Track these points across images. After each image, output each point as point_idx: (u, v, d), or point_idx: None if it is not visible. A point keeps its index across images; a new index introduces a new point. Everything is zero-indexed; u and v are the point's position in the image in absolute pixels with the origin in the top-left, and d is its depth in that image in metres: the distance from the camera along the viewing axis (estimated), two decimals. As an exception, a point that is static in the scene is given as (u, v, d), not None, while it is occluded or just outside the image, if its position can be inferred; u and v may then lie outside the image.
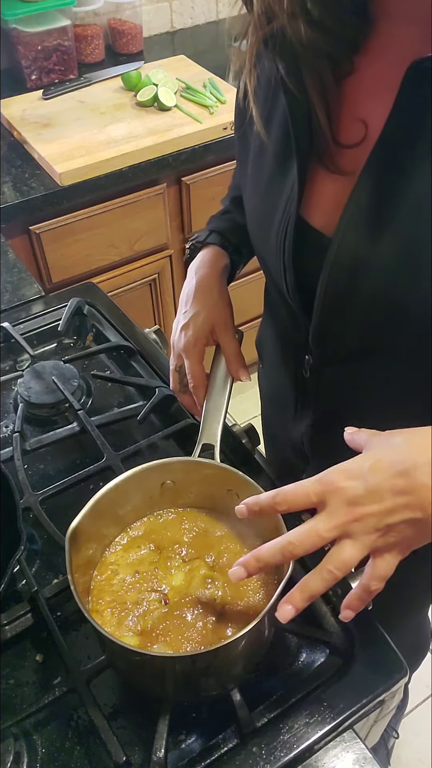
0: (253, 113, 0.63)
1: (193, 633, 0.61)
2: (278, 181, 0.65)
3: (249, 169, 0.71)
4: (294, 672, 0.66)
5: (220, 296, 0.83)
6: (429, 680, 1.61)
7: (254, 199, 0.71)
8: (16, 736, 0.60)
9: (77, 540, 0.61)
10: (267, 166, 0.67)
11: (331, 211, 0.62)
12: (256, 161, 0.69)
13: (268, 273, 0.74)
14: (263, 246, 0.71)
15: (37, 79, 1.70)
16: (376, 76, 0.57)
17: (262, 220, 0.69)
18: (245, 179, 0.74)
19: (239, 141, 0.75)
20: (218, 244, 0.86)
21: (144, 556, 0.68)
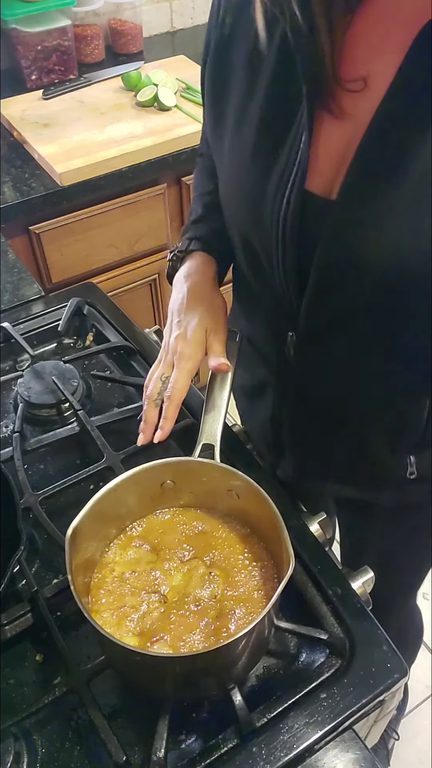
0: (260, 34, 0.58)
1: (193, 633, 0.61)
2: (268, 149, 0.61)
3: (226, 142, 0.67)
4: (294, 672, 0.66)
5: (213, 301, 0.80)
6: (429, 680, 1.61)
7: (236, 173, 0.66)
8: (16, 736, 0.60)
9: (77, 540, 0.61)
10: (251, 131, 0.62)
11: (330, 173, 0.59)
12: (237, 123, 0.64)
13: (252, 254, 0.69)
14: (250, 224, 0.66)
15: (37, 79, 1.70)
16: (381, 34, 0.55)
17: (249, 196, 0.64)
18: (221, 156, 0.69)
19: (211, 102, 0.69)
20: (203, 250, 0.83)
21: (144, 556, 0.68)
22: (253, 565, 0.66)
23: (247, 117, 0.63)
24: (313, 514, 0.78)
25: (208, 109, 0.71)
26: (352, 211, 0.57)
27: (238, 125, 0.64)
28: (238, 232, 0.71)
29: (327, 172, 0.59)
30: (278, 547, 0.62)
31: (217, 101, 0.68)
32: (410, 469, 0.78)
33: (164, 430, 0.77)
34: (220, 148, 0.69)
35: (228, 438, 0.83)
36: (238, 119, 0.64)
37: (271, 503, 0.62)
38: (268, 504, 0.62)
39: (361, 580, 0.72)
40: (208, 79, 0.70)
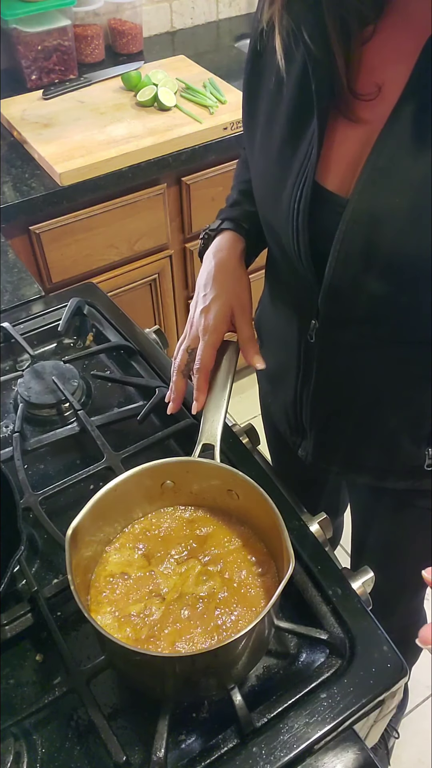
0: (280, 60, 0.64)
1: (193, 633, 0.61)
2: (291, 144, 0.66)
3: (258, 134, 0.72)
4: (294, 672, 0.66)
5: (240, 279, 0.83)
6: (429, 680, 1.61)
7: (264, 164, 0.71)
8: (16, 736, 0.60)
9: (77, 540, 0.61)
10: (278, 130, 0.68)
11: (345, 173, 0.63)
12: (267, 127, 0.70)
13: (276, 239, 0.74)
14: (273, 211, 0.71)
15: (37, 79, 1.70)
16: (395, 43, 0.59)
17: (273, 185, 0.70)
18: (253, 148, 0.74)
19: (247, 108, 0.75)
20: (233, 229, 0.86)
21: (144, 556, 0.68)
22: (253, 565, 0.66)
23: (276, 117, 0.68)
24: (315, 514, 0.78)
25: (244, 108, 0.76)
26: (365, 208, 0.61)
27: (269, 124, 0.70)
28: (265, 221, 0.76)
29: (343, 171, 0.64)
30: (278, 547, 0.62)
31: (252, 102, 0.73)
32: (428, 461, 0.80)
33: (199, 402, 0.80)
34: (252, 144, 0.74)
35: (228, 438, 0.83)
36: (269, 119, 0.70)
37: (271, 503, 0.62)
38: (268, 504, 0.62)
39: (361, 580, 0.72)
40: (246, 82, 0.75)
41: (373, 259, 0.62)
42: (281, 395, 0.89)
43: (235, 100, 1.61)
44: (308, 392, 0.82)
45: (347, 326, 0.71)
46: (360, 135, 0.62)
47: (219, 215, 0.89)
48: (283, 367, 0.85)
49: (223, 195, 0.94)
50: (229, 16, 2.12)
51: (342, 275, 0.66)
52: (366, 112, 0.61)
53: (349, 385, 0.78)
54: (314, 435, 0.86)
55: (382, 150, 0.59)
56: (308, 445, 0.88)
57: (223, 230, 0.86)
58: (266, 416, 1.06)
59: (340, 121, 0.63)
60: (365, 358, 0.74)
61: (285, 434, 0.93)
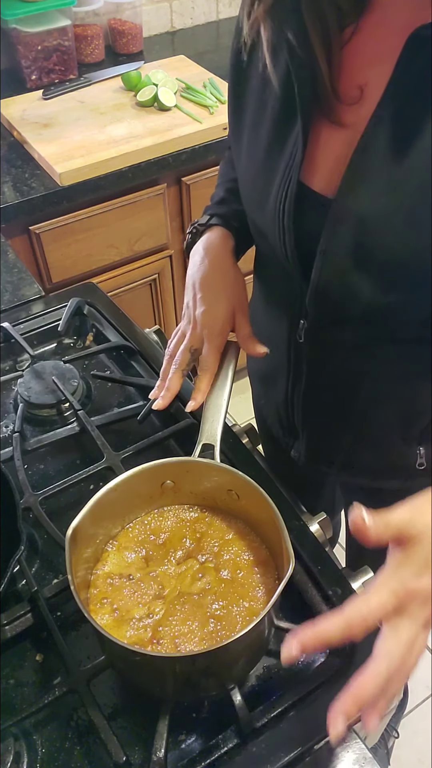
0: (269, 67, 0.64)
1: (193, 633, 0.61)
2: (277, 146, 0.66)
3: (245, 137, 0.72)
4: (294, 672, 0.66)
5: (237, 278, 0.83)
6: (429, 680, 1.61)
7: (251, 166, 0.71)
8: (16, 736, 0.60)
9: (77, 540, 0.61)
10: (264, 133, 0.68)
11: (330, 173, 0.64)
12: (253, 130, 0.70)
13: (264, 240, 0.74)
14: (260, 212, 0.71)
15: (37, 79, 1.70)
16: (376, 43, 0.59)
17: (260, 187, 0.70)
18: (240, 150, 0.74)
19: (233, 112, 0.75)
20: (222, 225, 0.86)
21: (143, 556, 0.68)
22: (254, 565, 0.66)
23: (261, 121, 0.68)
24: (314, 514, 0.78)
25: (230, 111, 0.76)
26: (349, 208, 0.61)
27: (255, 127, 0.70)
28: (252, 221, 0.76)
29: (328, 172, 0.64)
30: (278, 547, 0.62)
31: (237, 106, 0.74)
32: (420, 460, 0.80)
33: (197, 401, 0.79)
34: (239, 147, 0.74)
35: (228, 438, 0.83)
36: (255, 122, 0.70)
37: (271, 503, 0.62)
38: (268, 504, 0.62)
39: (361, 580, 0.72)
40: (231, 87, 0.75)
41: (358, 258, 0.63)
42: (273, 396, 0.89)
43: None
44: (299, 393, 0.82)
45: (335, 326, 0.71)
46: (344, 136, 0.62)
47: (206, 211, 0.89)
48: (274, 368, 0.85)
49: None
50: (229, 16, 2.12)
51: (328, 274, 0.66)
52: (349, 115, 0.61)
53: (340, 385, 0.78)
54: (306, 436, 0.86)
55: (365, 150, 0.59)
56: (300, 446, 0.88)
57: (212, 226, 0.86)
58: (259, 417, 1.06)
59: (324, 122, 0.63)
60: (354, 358, 0.74)
61: (278, 435, 0.93)
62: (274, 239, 0.70)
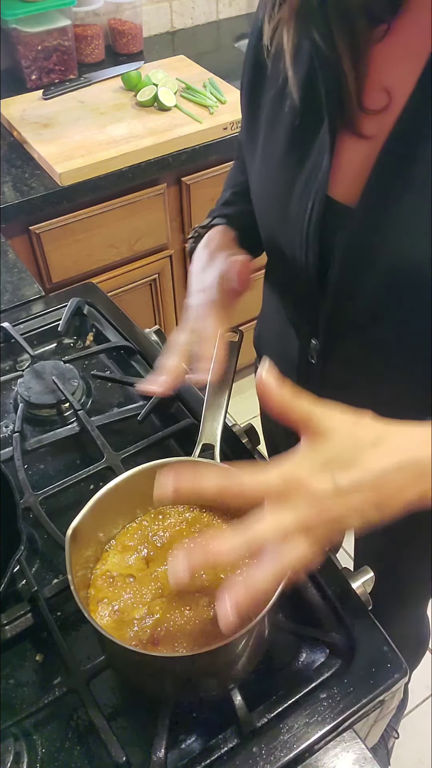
0: (289, 74, 0.61)
1: (193, 633, 0.61)
2: (296, 155, 0.64)
3: (260, 143, 0.70)
4: (294, 672, 0.66)
5: (234, 252, 0.79)
6: (429, 680, 1.61)
7: (267, 176, 0.69)
8: (16, 736, 0.60)
9: (77, 540, 0.61)
10: (281, 140, 0.66)
11: (352, 181, 0.62)
12: (269, 135, 0.68)
13: (279, 252, 0.71)
14: (279, 223, 0.69)
15: (37, 79, 1.70)
16: (403, 46, 0.57)
17: (278, 197, 0.67)
18: (254, 159, 0.71)
19: (247, 116, 0.72)
20: (224, 224, 0.84)
21: (144, 557, 0.67)
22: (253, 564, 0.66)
23: (278, 128, 0.66)
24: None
25: (244, 120, 0.74)
26: (369, 218, 0.59)
27: (270, 135, 0.67)
28: (267, 233, 0.73)
29: (349, 181, 0.62)
30: (278, 547, 0.62)
31: (252, 113, 0.71)
32: None
33: (201, 368, 0.74)
34: (253, 154, 0.72)
35: (228, 438, 0.83)
36: (271, 130, 0.67)
37: (271, 503, 0.61)
38: (268, 504, 0.62)
39: (361, 580, 0.72)
40: (245, 89, 0.72)
41: (378, 267, 0.61)
42: None
43: (235, 100, 1.60)
44: None
45: (349, 342, 0.69)
46: (367, 146, 0.60)
47: (210, 214, 0.87)
48: None
49: (222, 195, 0.94)
50: (229, 16, 2.12)
51: (346, 284, 0.64)
52: (373, 125, 0.59)
53: (352, 402, 0.76)
54: None
55: (388, 158, 0.57)
56: None
57: (213, 225, 0.85)
58: (267, 433, 1.04)
59: (346, 134, 0.61)
60: (368, 377, 0.72)
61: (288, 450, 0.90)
62: (292, 251, 0.68)
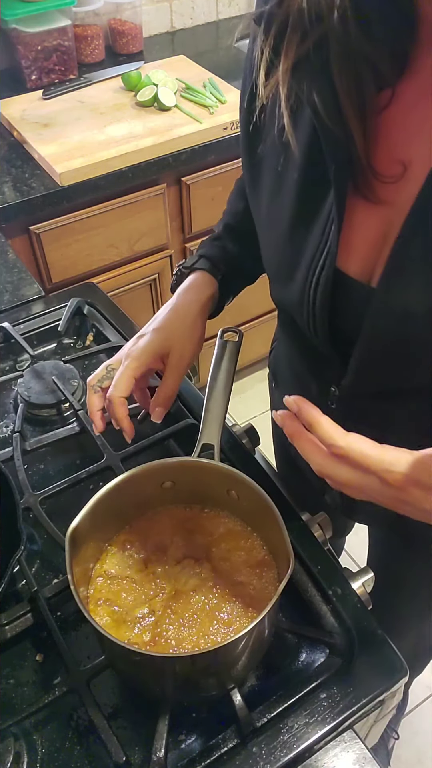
0: (287, 128, 0.55)
1: (193, 633, 0.62)
2: (304, 221, 0.59)
3: (264, 203, 0.65)
4: (294, 672, 0.66)
5: (193, 328, 0.77)
6: (429, 680, 1.61)
7: (273, 237, 0.64)
8: (16, 736, 0.60)
9: (77, 540, 0.61)
10: (287, 204, 0.61)
11: (366, 257, 0.57)
12: (273, 197, 0.63)
13: (286, 312, 0.68)
14: (285, 288, 0.65)
15: (37, 79, 1.70)
16: (418, 112, 0.52)
17: (284, 261, 0.63)
18: (259, 214, 0.67)
19: (248, 172, 0.67)
20: (207, 270, 0.80)
21: (143, 557, 0.68)
22: (253, 564, 0.66)
23: (283, 190, 0.61)
24: (313, 514, 0.78)
25: (246, 169, 0.68)
26: (394, 299, 0.55)
27: (275, 196, 0.62)
28: (275, 293, 0.70)
29: (365, 256, 0.58)
30: (278, 547, 0.62)
31: (253, 166, 0.66)
32: None
33: (127, 432, 0.76)
34: (258, 212, 0.67)
35: (228, 438, 0.83)
36: (274, 191, 0.62)
37: (271, 503, 0.62)
38: (268, 504, 0.62)
39: (361, 580, 0.72)
40: (244, 148, 0.67)
41: (405, 348, 0.57)
42: None
43: (234, 100, 1.60)
44: None
45: (372, 397, 0.67)
46: (382, 214, 0.55)
47: (199, 249, 0.84)
48: None
49: (223, 195, 0.93)
50: (229, 16, 2.12)
51: (371, 363, 0.61)
52: (389, 193, 0.54)
53: None
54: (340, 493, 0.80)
55: (411, 236, 0.52)
56: (335, 494, 0.83)
57: (196, 269, 0.81)
58: (284, 451, 1.01)
59: (358, 199, 0.55)
60: (389, 419, 0.68)
61: (308, 476, 0.84)
62: (300, 319, 0.64)
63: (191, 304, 0.78)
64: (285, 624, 0.66)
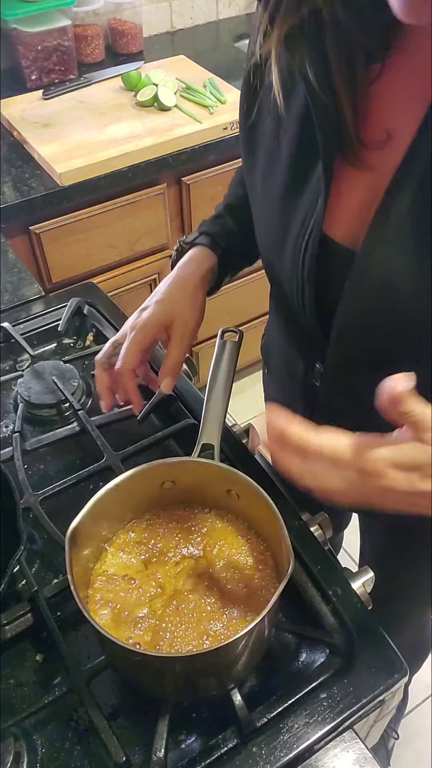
0: (279, 99, 0.59)
1: (193, 633, 0.61)
2: (294, 190, 0.62)
3: (258, 175, 0.68)
4: (294, 672, 0.66)
5: (194, 297, 0.79)
6: (429, 680, 1.61)
7: (266, 208, 0.67)
8: (16, 736, 0.60)
9: (77, 540, 0.61)
10: (280, 174, 0.64)
11: (352, 222, 0.59)
12: (268, 167, 0.66)
13: (278, 285, 0.71)
14: (276, 258, 0.67)
15: (37, 79, 1.70)
16: (403, 87, 0.55)
17: (276, 231, 0.66)
18: (254, 186, 0.70)
19: (245, 147, 0.71)
20: (207, 245, 0.83)
21: (143, 556, 0.68)
22: (253, 564, 0.66)
23: (277, 159, 0.64)
24: (313, 514, 0.78)
25: (243, 141, 0.71)
26: (375, 264, 0.57)
27: (270, 165, 0.65)
28: (267, 264, 0.72)
29: (351, 222, 0.60)
30: (278, 547, 0.62)
31: (250, 141, 0.69)
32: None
33: (135, 405, 0.79)
34: (253, 185, 0.70)
35: (228, 438, 0.83)
36: (269, 160, 0.65)
37: (271, 503, 0.62)
38: (268, 504, 0.62)
39: (361, 580, 0.72)
40: (242, 115, 0.70)
41: (386, 313, 0.59)
42: None
43: (234, 100, 1.60)
44: None
45: (354, 372, 0.68)
46: (368, 182, 0.58)
47: (199, 227, 0.86)
48: (289, 401, 0.82)
49: (223, 195, 0.93)
50: (229, 16, 2.12)
51: (352, 330, 0.62)
52: (374, 159, 0.57)
53: (356, 425, 0.75)
54: None
55: (394, 201, 0.54)
56: None
57: (197, 244, 0.83)
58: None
59: (346, 167, 0.58)
60: (372, 406, 0.71)
61: None
62: (290, 287, 0.66)
63: (191, 275, 0.80)
64: (285, 624, 0.66)
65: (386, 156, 0.56)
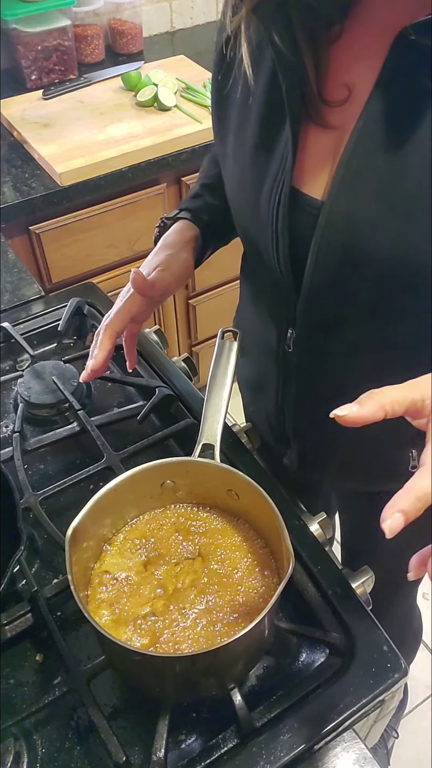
0: (249, 72, 0.63)
1: (193, 632, 0.61)
2: (264, 150, 0.65)
3: (230, 140, 0.71)
4: (294, 672, 0.66)
5: (180, 251, 0.82)
6: (429, 680, 1.61)
7: (238, 171, 0.70)
8: (16, 736, 0.60)
9: (77, 540, 0.61)
10: (250, 137, 0.67)
11: (320, 176, 0.63)
12: (239, 132, 0.69)
13: (254, 246, 0.72)
14: (251, 218, 0.70)
15: (37, 79, 1.70)
16: (361, 44, 0.59)
17: (249, 192, 0.69)
18: (225, 152, 0.73)
19: (217, 115, 0.74)
20: (189, 219, 0.86)
21: (143, 556, 0.68)
22: (253, 564, 0.66)
23: (246, 124, 0.67)
24: (313, 514, 0.78)
25: (214, 116, 0.75)
26: (340, 211, 0.61)
27: (240, 131, 0.69)
28: (241, 228, 0.75)
29: (318, 174, 0.63)
30: (278, 546, 0.62)
31: (221, 110, 0.72)
32: (412, 463, 0.79)
33: (96, 360, 0.78)
34: (225, 151, 0.73)
35: (228, 438, 0.83)
36: (240, 126, 0.69)
37: (271, 503, 0.62)
38: (268, 504, 0.62)
39: (361, 580, 0.72)
40: (213, 90, 0.74)
41: (351, 261, 0.61)
42: (263, 405, 0.88)
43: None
44: (289, 402, 0.80)
45: (325, 334, 0.70)
46: (333, 137, 0.62)
47: (180, 206, 0.89)
48: (263, 377, 0.84)
49: (223, 195, 0.94)
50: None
51: (320, 279, 0.65)
52: (336, 117, 0.61)
53: (331, 394, 0.76)
54: (298, 444, 0.85)
55: (354, 151, 0.58)
56: (293, 453, 0.87)
57: (178, 219, 0.86)
58: (244, 441, 1.05)
59: (312, 124, 0.62)
60: (344, 366, 0.72)
61: (269, 443, 0.91)
62: (265, 245, 0.69)
63: (174, 242, 0.84)
64: (285, 624, 0.66)
65: (347, 111, 0.60)
